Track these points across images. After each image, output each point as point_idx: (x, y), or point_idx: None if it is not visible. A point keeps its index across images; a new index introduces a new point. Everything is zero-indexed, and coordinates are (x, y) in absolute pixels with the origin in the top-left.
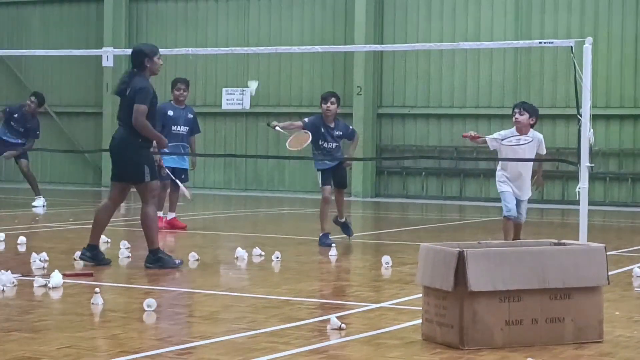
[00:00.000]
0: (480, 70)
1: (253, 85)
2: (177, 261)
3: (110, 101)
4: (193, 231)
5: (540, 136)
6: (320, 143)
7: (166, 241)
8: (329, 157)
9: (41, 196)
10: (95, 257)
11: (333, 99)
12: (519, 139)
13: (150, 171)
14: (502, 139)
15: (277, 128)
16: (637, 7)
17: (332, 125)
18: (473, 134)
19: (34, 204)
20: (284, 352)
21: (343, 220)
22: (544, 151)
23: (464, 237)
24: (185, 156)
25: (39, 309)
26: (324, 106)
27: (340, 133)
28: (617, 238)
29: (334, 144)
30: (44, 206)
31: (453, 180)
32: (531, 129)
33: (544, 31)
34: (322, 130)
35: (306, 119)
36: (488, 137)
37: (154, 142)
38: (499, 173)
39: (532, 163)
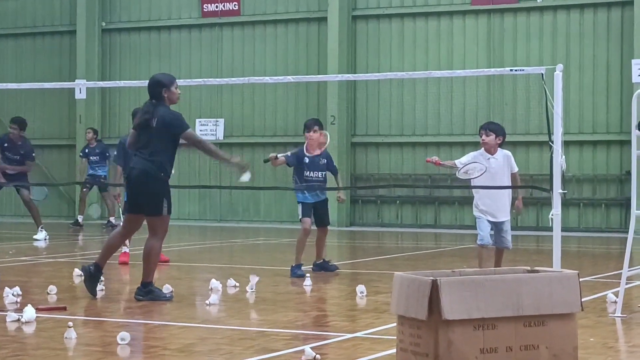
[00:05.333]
0: (453, 98)
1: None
2: (168, 294)
3: (83, 133)
4: (168, 262)
5: (508, 153)
6: (305, 174)
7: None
8: (311, 188)
9: (42, 228)
10: (93, 277)
11: (316, 127)
12: (482, 169)
13: (167, 205)
14: (468, 163)
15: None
16: (608, 34)
17: (318, 152)
18: (435, 160)
19: (35, 236)
20: None
21: (321, 261)
22: (515, 168)
23: (439, 265)
24: None
25: (12, 344)
26: (307, 134)
27: (325, 161)
28: (591, 264)
29: (321, 173)
30: (45, 239)
31: (428, 208)
32: (499, 148)
33: (516, 59)
34: (307, 160)
35: (289, 153)
36: (457, 162)
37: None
38: (475, 196)
39: (503, 183)
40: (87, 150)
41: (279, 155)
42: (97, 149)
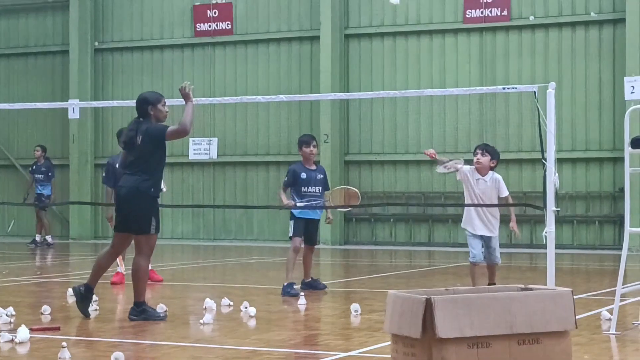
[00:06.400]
0: (446, 116)
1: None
2: (162, 314)
3: (77, 153)
4: (161, 282)
5: (499, 177)
6: (302, 189)
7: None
8: (313, 202)
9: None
10: (85, 298)
11: (314, 142)
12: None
13: (155, 223)
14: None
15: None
16: (600, 51)
17: (314, 167)
18: (433, 154)
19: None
20: None
21: (309, 280)
22: (504, 192)
23: (433, 283)
24: None
25: None
26: (307, 149)
27: (322, 176)
28: (585, 281)
29: (318, 188)
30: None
31: (421, 226)
32: (490, 171)
33: (508, 77)
34: (305, 175)
35: (285, 178)
36: (462, 166)
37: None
38: (464, 215)
39: (493, 202)
40: (34, 167)
41: (286, 201)
42: (43, 167)
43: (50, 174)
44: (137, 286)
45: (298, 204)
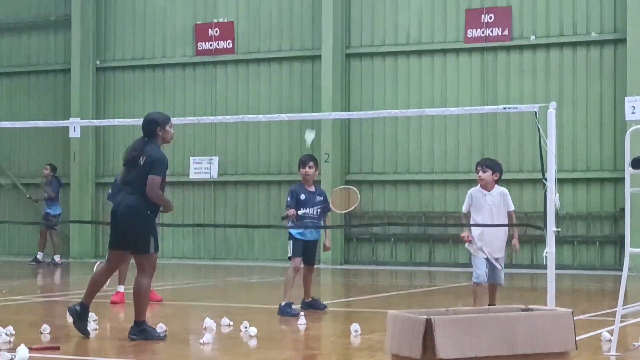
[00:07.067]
0: (447, 135)
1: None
2: (162, 334)
3: (78, 171)
4: (160, 301)
5: (505, 190)
6: (301, 211)
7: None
8: (310, 225)
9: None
10: (81, 317)
11: (311, 163)
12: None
13: (154, 242)
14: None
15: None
16: (601, 71)
17: (313, 189)
18: (469, 239)
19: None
20: None
21: (310, 300)
22: (511, 207)
23: (434, 303)
24: None
25: None
26: (303, 170)
27: (321, 198)
28: (586, 302)
29: (317, 209)
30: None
31: (422, 246)
32: (496, 185)
33: (509, 96)
34: (303, 197)
35: (288, 199)
36: (464, 211)
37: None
38: (473, 232)
39: (500, 219)
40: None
41: (289, 213)
42: (49, 185)
43: (54, 192)
44: (138, 305)
45: (298, 218)
